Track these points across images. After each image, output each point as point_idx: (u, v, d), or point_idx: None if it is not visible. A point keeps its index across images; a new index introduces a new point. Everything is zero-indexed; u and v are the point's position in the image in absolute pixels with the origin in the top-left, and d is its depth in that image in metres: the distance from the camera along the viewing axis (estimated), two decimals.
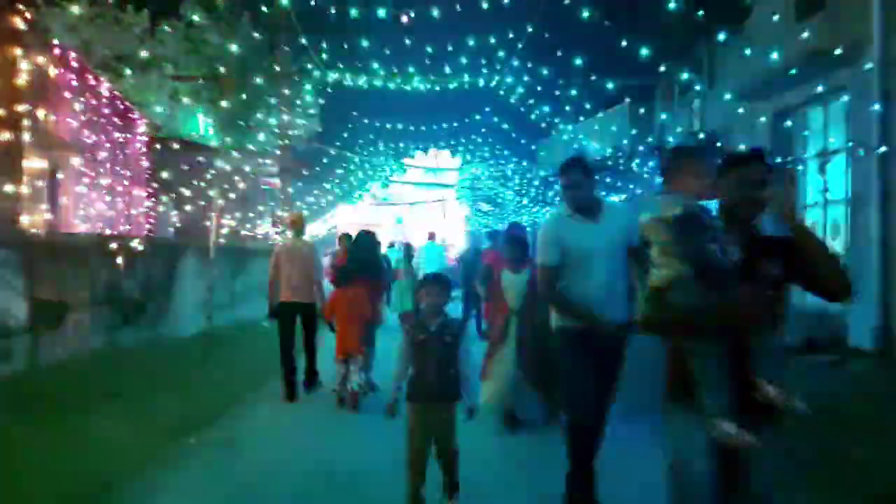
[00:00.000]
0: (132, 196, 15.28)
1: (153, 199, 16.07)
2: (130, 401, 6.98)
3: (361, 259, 7.57)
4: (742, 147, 7.88)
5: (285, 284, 7.30)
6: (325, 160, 21.07)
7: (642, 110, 17.01)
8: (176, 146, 14.38)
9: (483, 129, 16.73)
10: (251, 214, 15.51)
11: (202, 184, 13.31)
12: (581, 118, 16.42)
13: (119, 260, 8.98)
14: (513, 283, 6.21)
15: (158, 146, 16.31)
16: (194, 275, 10.79)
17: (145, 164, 15.96)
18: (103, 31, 23.28)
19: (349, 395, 6.97)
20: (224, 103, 16.38)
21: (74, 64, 11.14)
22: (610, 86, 11.30)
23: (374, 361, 7.84)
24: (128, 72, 17.00)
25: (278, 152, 16.39)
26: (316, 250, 7.72)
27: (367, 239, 7.85)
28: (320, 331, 7.95)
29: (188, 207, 13.81)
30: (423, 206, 34.71)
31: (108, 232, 11.75)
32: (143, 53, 16.75)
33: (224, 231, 12.53)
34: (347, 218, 24.72)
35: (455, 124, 16.50)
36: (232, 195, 13.00)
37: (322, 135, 22.04)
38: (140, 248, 9.44)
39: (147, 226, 15.82)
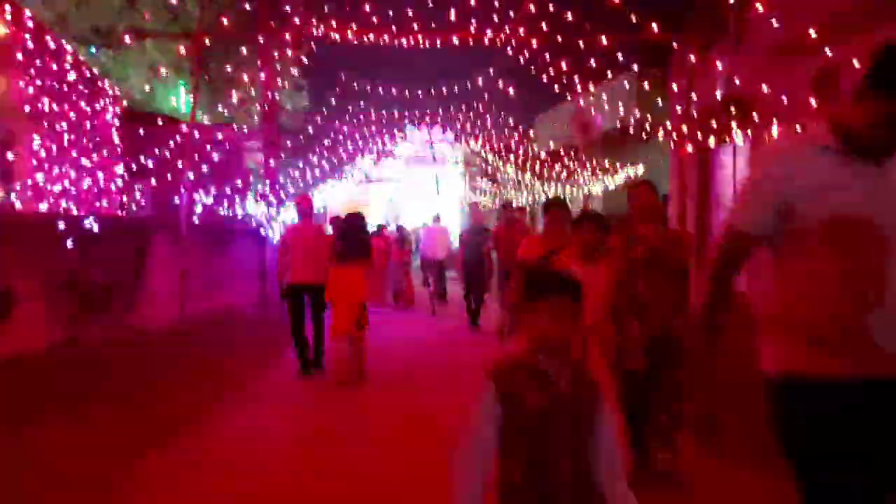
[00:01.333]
0: (106, 172, 14.09)
1: (129, 175, 14.87)
2: (86, 407, 5.93)
3: (351, 241, 7.48)
4: None
5: (294, 265, 7.46)
6: (310, 130, 19.93)
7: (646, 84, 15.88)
8: (159, 122, 13.19)
9: (486, 95, 15.59)
10: (228, 191, 14.34)
11: (180, 162, 12.20)
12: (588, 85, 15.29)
13: (76, 242, 7.87)
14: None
15: (131, 121, 15.06)
16: (168, 257, 9.68)
17: (117, 138, 14.74)
18: (80, 4, 22.10)
19: (346, 376, 7.16)
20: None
21: (30, 24, 9.92)
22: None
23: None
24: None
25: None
26: (324, 232, 7.88)
27: (355, 221, 7.74)
28: None
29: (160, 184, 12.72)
30: (416, 185, 33.61)
31: (73, 211, 10.62)
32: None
33: (197, 208, 11.43)
34: (336, 196, 23.54)
35: (455, 89, 15.35)
36: (205, 168, 11.83)
37: (309, 109, 20.98)
38: (99, 227, 8.33)
39: (123, 204, 14.65)
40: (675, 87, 11.77)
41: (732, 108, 9.60)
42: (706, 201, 10.92)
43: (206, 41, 13.67)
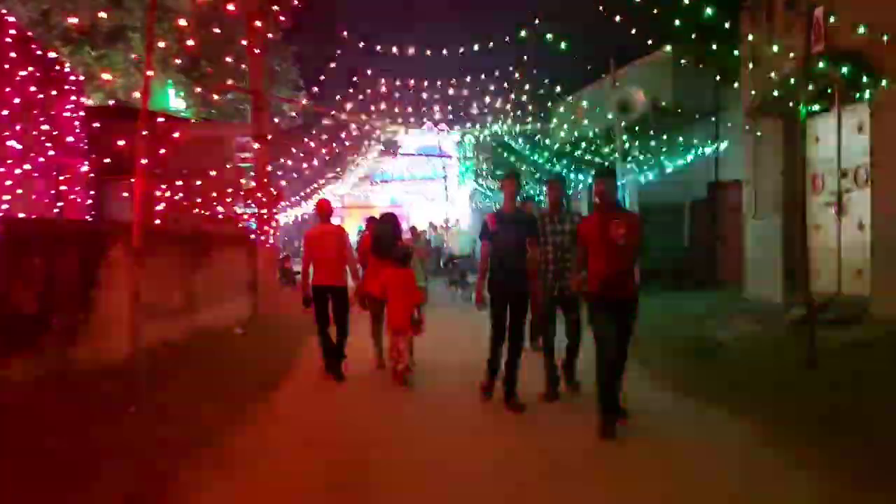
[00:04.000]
0: (65, 171, 12.08)
1: (97, 176, 12.86)
2: None
3: (386, 241, 7.90)
4: None
5: (317, 269, 7.57)
6: (312, 130, 18.05)
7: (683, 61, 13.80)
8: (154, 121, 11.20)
9: (504, 85, 13.55)
10: (215, 194, 12.30)
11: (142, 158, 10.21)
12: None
13: None
14: None
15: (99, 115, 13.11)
16: (131, 272, 7.59)
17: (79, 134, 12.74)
18: (65, 1, 20.64)
19: (397, 372, 7.21)
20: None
21: None
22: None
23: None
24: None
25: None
26: (345, 234, 7.91)
27: (389, 222, 8.24)
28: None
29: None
30: (421, 185, 31.62)
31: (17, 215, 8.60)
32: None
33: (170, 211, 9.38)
34: (335, 196, 21.59)
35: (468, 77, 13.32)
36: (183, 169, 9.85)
37: (310, 114, 19.16)
38: (29, 235, 6.29)
39: (89, 209, 12.65)
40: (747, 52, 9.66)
41: (842, 68, 7.54)
42: (796, 183, 8.85)
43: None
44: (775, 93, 8.82)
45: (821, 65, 7.91)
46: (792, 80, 8.07)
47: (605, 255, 5.27)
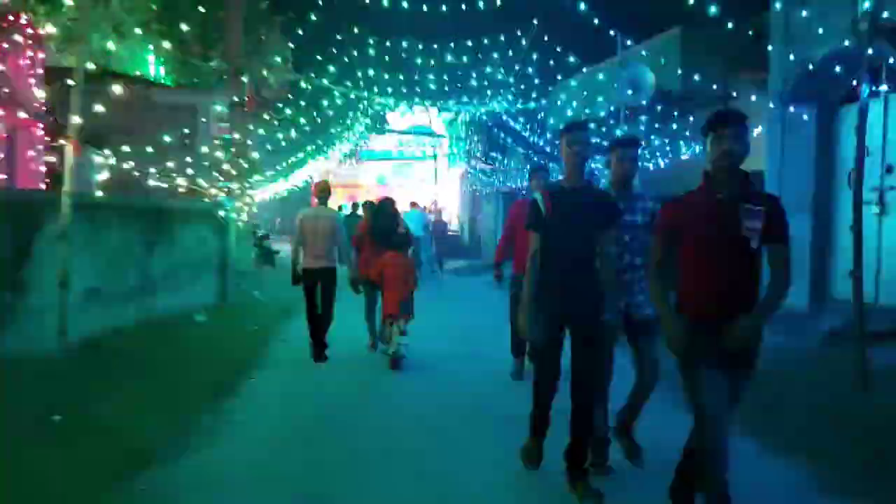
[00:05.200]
0: (19, 134, 10.94)
1: (55, 142, 11.70)
2: None
3: (385, 226, 7.92)
4: None
5: (308, 251, 7.52)
6: (301, 102, 16.89)
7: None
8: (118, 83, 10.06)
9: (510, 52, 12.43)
10: (190, 160, 11.19)
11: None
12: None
13: None
14: None
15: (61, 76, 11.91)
16: (77, 250, 6.56)
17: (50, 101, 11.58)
18: None
19: (395, 358, 7.08)
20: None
21: None
22: None
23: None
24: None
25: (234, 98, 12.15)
26: (339, 217, 7.86)
27: (388, 207, 8.27)
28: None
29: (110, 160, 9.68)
30: (411, 165, 30.57)
31: None
32: None
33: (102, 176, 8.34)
34: (319, 173, 20.51)
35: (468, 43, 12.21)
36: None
37: (295, 84, 17.96)
38: None
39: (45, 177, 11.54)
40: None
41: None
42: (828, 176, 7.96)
43: None
44: (810, 66, 7.85)
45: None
46: (830, 58, 7.12)
47: (717, 262, 3.16)
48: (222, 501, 3.94)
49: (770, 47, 8.76)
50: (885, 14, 5.92)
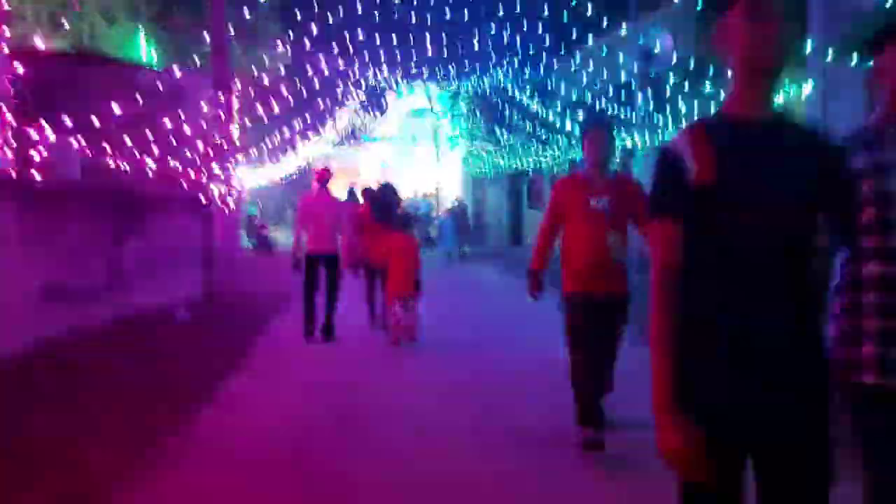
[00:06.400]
0: None
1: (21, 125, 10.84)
2: None
3: (387, 209, 8.02)
4: None
5: (311, 237, 7.52)
6: (298, 85, 15.97)
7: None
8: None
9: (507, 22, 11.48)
10: (175, 142, 10.26)
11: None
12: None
13: None
14: None
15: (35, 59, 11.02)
16: (31, 240, 5.73)
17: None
18: None
19: (404, 331, 7.15)
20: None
21: None
22: None
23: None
24: None
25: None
26: (340, 203, 8.06)
27: (389, 191, 8.44)
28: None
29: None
30: (413, 147, 29.61)
31: None
32: None
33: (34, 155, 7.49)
34: (319, 158, 19.63)
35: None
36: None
37: (290, 69, 17.10)
38: None
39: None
40: None
41: None
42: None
43: None
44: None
45: None
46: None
47: None
48: None
49: None
50: None
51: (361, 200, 10.04)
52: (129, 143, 9.32)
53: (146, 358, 6.31)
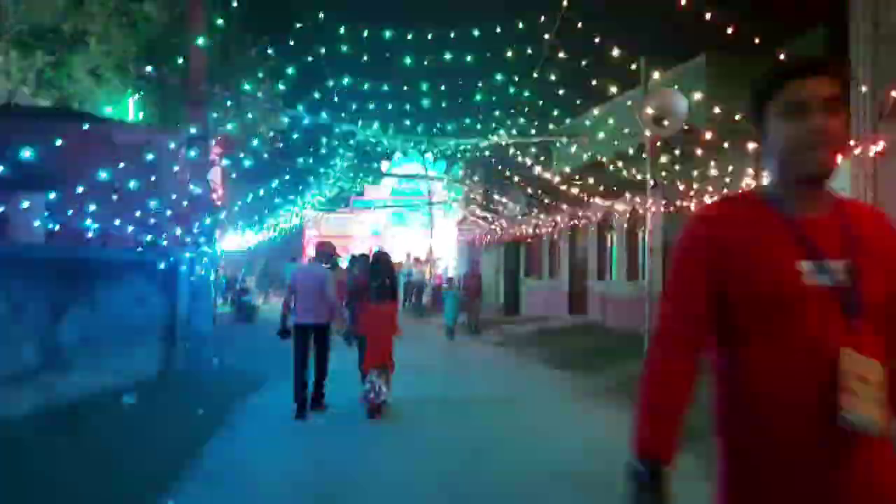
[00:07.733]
0: None
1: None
2: None
3: (383, 280, 7.76)
4: None
5: (300, 306, 7.48)
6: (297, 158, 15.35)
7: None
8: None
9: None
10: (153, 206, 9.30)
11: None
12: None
13: None
14: None
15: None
16: None
17: None
18: (19, 2, 18.65)
19: (375, 406, 7.03)
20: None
21: None
22: None
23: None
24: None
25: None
26: (328, 275, 7.78)
27: (385, 260, 8.12)
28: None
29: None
30: (407, 215, 28.90)
31: None
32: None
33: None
34: (309, 221, 18.81)
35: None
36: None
37: (286, 135, 16.55)
38: None
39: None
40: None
41: None
42: None
43: None
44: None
45: None
46: None
47: None
48: None
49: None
50: None
51: (344, 267, 9.77)
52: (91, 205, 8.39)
53: (72, 456, 5.16)
